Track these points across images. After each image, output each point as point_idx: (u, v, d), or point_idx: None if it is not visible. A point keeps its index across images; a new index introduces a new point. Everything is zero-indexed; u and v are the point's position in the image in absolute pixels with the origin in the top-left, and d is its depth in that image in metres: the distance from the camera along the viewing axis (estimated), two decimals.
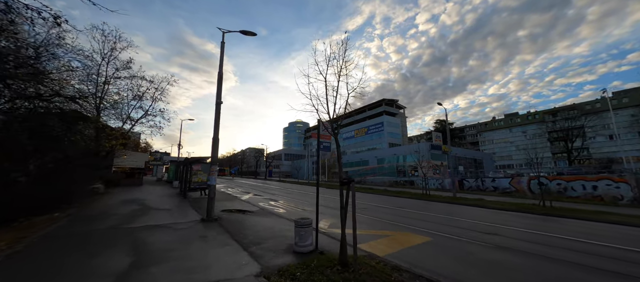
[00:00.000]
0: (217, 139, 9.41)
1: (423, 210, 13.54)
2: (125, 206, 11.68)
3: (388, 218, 10.89)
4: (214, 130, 9.45)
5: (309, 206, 13.93)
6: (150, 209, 10.99)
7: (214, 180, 9.08)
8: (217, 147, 9.36)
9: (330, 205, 14.68)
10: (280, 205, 14.27)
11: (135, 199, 13.83)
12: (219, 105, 9.66)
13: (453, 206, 16.17)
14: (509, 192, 24.15)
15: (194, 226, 7.93)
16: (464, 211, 13.59)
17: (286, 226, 8.56)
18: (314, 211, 12.29)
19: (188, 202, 13.41)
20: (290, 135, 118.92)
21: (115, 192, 17.02)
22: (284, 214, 11.09)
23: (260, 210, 11.98)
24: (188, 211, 10.72)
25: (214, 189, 9.08)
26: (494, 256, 6.22)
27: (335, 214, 10.99)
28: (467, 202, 17.62)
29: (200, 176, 15.95)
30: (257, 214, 10.85)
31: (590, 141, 61.35)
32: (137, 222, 8.15)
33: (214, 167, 9.19)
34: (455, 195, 20.59)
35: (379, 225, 9.52)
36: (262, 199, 17.22)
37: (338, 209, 12.83)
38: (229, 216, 9.86)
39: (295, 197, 18.65)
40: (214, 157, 9.27)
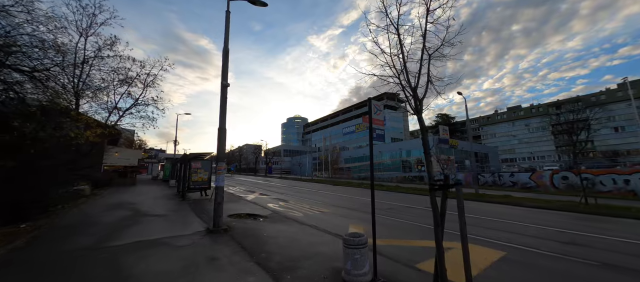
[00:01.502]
0: (224, 129, 7.57)
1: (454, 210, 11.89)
2: (113, 211, 9.81)
3: (425, 221, 9.21)
4: (219, 119, 7.61)
5: (324, 207, 12.22)
6: (142, 215, 9.15)
7: (221, 180, 7.27)
8: (224, 139, 7.53)
9: (347, 204, 12.95)
10: (292, 206, 12.53)
11: (125, 203, 11.94)
12: (226, 88, 7.81)
13: (482, 205, 14.58)
14: (529, 187, 22.74)
15: (198, 241, 6.13)
16: (500, 211, 11.99)
17: (315, 237, 6.81)
18: (335, 213, 10.47)
19: (188, 205, 11.58)
20: (288, 130, 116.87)
21: (104, 194, 15.09)
22: (304, 219, 9.34)
23: (273, 214, 10.22)
24: (189, 218, 8.90)
25: (222, 193, 7.27)
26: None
27: (363, 218, 9.29)
28: (494, 199, 16.11)
29: (201, 175, 14.10)
30: (271, 219, 9.08)
31: (594, 133, 60.51)
32: (124, 237, 6.32)
33: (221, 163, 7.37)
34: (477, 191, 19.08)
35: (421, 232, 7.83)
36: (270, 199, 15.45)
37: (359, 210, 11.02)
38: (239, 224, 8.07)
39: (306, 196, 16.93)
40: (221, 152, 7.45)
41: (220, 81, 7.84)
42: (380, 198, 16.44)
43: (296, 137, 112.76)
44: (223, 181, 7.33)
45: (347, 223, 8.97)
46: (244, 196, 16.48)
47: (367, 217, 9.94)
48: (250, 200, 14.57)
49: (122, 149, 22.30)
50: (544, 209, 12.60)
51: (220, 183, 7.26)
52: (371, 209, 4.79)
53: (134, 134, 19.74)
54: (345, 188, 25.02)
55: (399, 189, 22.59)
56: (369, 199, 15.41)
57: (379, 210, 11.71)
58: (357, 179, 38.30)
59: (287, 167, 78.23)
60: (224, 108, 7.68)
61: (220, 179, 7.28)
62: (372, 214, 4.71)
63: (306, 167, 58.51)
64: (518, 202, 14.96)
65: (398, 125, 69.24)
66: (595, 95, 62.02)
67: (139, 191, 17.50)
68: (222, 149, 7.47)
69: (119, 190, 17.76)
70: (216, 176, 7.34)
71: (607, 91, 61.04)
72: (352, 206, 13.26)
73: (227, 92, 7.82)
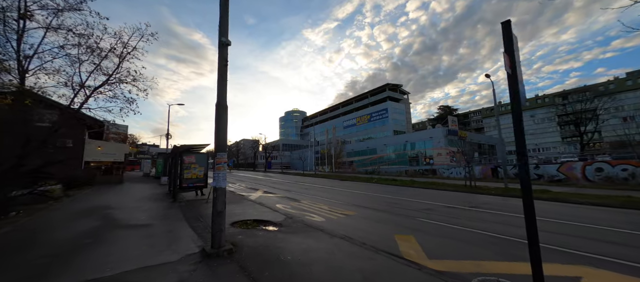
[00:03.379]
0: (224, 105, 5.26)
1: (506, 210, 9.77)
2: (78, 221, 7.49)
3: (485, 227, 7.05)
4: (218, 91, 5.29)
5: (345, 207, 10.01)
6: (115, 227, 6.85)
7: (223, 179, 4.99)
8: (224, 120, 5.22)
9: (369, 203, 10.64)
10: (306, 207, 10.31)
11: (101, 207, 9.61)
12: (226, 48, 5.47)
13: (538, 203, 12.33)
14: (557, 180, 20.79)
15: (189, 278, 3.87)
16: (554, 210, 9.88)
17: (363, 260, 4.60)
18: (363, 215, 8.33)
19: (179, 210, 9.30)
20: (287, 125, 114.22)
21: (80, 195, 12.72)
22: (329, 227, 7.13)
23: (288, 219, 8.00)
24: (178, 230, 6.62)
25: (224, 197, 5.00)
26: None
27: (401, 222, 7.05)
28: (538, 196, 14.00)
29: (195, 170, 11.78)
30: (288, 228, 6.85)
31: (602, 124, 59.06)
32: (69, 271, 4.04)
33: (222, 155, 5.08)
34: (507, 186, 17.04)
35: (498, 246, 5.66)
36: (277, 198, 13.22)
37: (388, 211, 8.84)
38: (248, 238, 5.82)
39: (318, 194, 14.72)
40: (221, 138, 5.14)
41: (218, 38, 5.48)
42: (404, 195, 14.30)
43: (295, 131, 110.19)
44: (225, 180, 5.04)
45: (387, 231, 6.80)
46: (247, 195, 14.22)
47: (407, 222, 7.77)
48: (254, 200, 12.33)
49: (106, 142, 19.85)
50: (601, 207, 10.52)
51: (221, 183, 4.97)
52: (407, 211, 2.51)
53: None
54: (355, 183, 22.89)
55: (416, 183, 20.50)
56: (390, 195, 12.65)
57: (417, 211, 9.55)
58: (364, 173, 36.21)
59: (286, 162, 76.02)
60: (224, 76, 5.35)
61: (221, 177, 4.99)
62: (531, 247, 2.47)
63: (309, 162, 56.33)
64: (562, 197, 12.94)
65: (400, 117, 67.04)
66: (603, 85, 60.35)
67: (124, 191, 15.14)
68: (222, 134, 5.16)
69: (101, 190, 15.37)
70: (215, 173, 5.04)
71: (616, 80, 59.39)
72: (377, 205, 11.09)
73: (227, 54, 5.48)
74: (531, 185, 2.71)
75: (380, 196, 14.02)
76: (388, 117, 63.72)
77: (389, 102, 65.68)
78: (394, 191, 16.69)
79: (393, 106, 65.41)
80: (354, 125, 73.71)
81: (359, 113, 73.39)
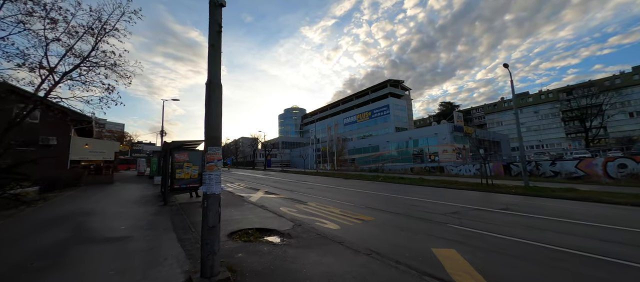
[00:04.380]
0: (217, 84, 3.95)
1: (543, 213, 8.53)
2: (42, 232, 6.19)
3: (537, 236, 5.81)
4: (208, 67, 3.99)
5: (358, 210, 8.75)
6: (85, 241, 5.56)
7: (216, 182, 3.70)
8: (217, 103, 3.91)
9: (384, 206, 9.24)
10: (315, 210, 9.05)
11: (77, 213, 8.30)
12: (219, 8, 4.15)
13: (555, 202, 11.23)
14: (576, 177, 19.64)
15: None
16: (606, 214, 8.64)
17: None
18: (382, 221, 7.03)
19: (168, 215, 8.00)
20: (286, 122, 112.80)
21: (60, 198, 11.39)
22: (348, 238, 5.87)
23: (296, 226, 6.73)
24: (162, 245, 5.33)
25: (218, 206, 3.70)
26: None
27: (427, 229, 5.72)
28: (557, 194, 12.94)
29: (189, 170, 10.48)
30: (299, 240, 5.59)
31: (608, 119, 58.07)
32: None
33: (214, 151, 3.78)
34: (528, 184, 15.83)
35: (570, 264, 4.42)
36: (280, 200, 11.95)
37: (409, 216, 7.50)
38: (251, 259, 4.54)
39: (324, 195, 13.45)
40: (213, 128, 3.83)
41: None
42: (418, 195, 13.06)
43: (294, 129, 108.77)
44: (218, 183, 3.74)
45: (420, 243, 5.54)
46: (246, 196, 12.95)
47: (437, 230, 6.52)
48: (255, 202, 11.05)
49: (95, 140, 18.46)
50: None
51: (213, 187, 3.67)
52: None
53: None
54: (360, 182, 21.65)
55: (426, 182, 19.27)
56: (403, 196, 11.05)
57: (442, 215, 8.30)
58: (368, 171, 34.98)
59: (286, 160, 74.75)
60: (217, 46, 4.04)
61: (214, 179, 3.69)
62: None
63: (309, 160, 55.05)
64: (593, 197, 11.71)
65: (402, 114, 65.74)
66: (608, 79, 59.25)
67: (111, 192, 13.82)
68: (215, 121, 3.86)
69: (87, 191, 14.04)
70: (205, 174, 3.75)
71: (622, 75, 58.31)
72: (393, 207, 9.84)
73: (221, 18, 4.16)
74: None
75: (392, 197, 12.77)
76: (390, 114, 62.42)
77: (390, 98, 64.35)
78: (405, 190, 15.46)
79: (395, 102, 64.11)
80: (355, 123, 72.39)
81: (359, 110, 72.05)
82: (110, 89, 8.39)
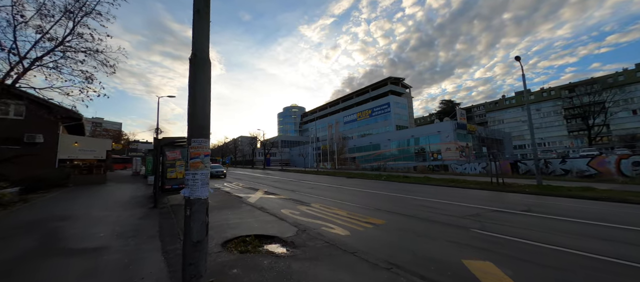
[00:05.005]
0: (203, 58, 3.11)
1: (569, 215, 7.74)
2: (8, 240, 5.37)
3: (576, 244, 5.03)
4: (193, 37, 3.14)
5: (367, 212, 7.95)
6: (53, 253, 4.74)
7: (202, 184, 2.86)
8: (204, 83, 3.07)
9: (393, 207, 8.30)
10: (319, 213, 8.23)
11: (55, 217, 7.45)
12: None
13: (574, 203, 10.45)
14: (588, 176, 18.90)
15: None
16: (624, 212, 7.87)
17: None
18: (395, 224, 6.12)
19: (156, 220, 7.18)
20: (285, 121, 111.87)
21: (42, 200, 10.53)
22: (361, 247, 5.08)
23: (300, 232, 5.92)
24: (143, 259, 4.51)
25: (204, 215, 2.88)
26: None
27: (446, 234, 4.88)
28: (574, 193, 12.24)
29: (181, 169, 9.65)
30: (305, 251, 4.78)
31: (611, 117, 57.48)
32: None
33: (199, 143, 2.94)
34: (541, 183, 15.08)
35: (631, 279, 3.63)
36: (281, 201, 11.13)
37: (422, 218, 6.84)
38: (250, 277, 3.72)
39: (327, 195, 12.64)
40: (198, 115, 3.00)
41: None
42: (427, 195, 12.26)
43: (293, 128, 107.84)
44: (205, 186, 2.91)
45: (446, 253, 4.75)
46: (245, 197, 12.13)
47: (460, 235, 5.72)
48: (254, 203, 10.24)
49: (84, 138, 17.53)
50: None
51: (198, 191, 2.85)
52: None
53: (121, 127, 13.86)
54: (363, 181, 20.86)
55: (432, 181, 18.50)
56: (412, 196, 9.95)
57: (461, 217, 7.50)
58: (370, 170, 34.21)
59: (286, 159, 73.93)
60: (205, 10, 3.20)
61: (199, 179, 2.87)
62: None
63: (309, 158, 54.22)
64: (614, 197, 10.99)
65: (403, 112, 64.94)
66: (612, 77, 58.61)
67: (100, 193, 12.97)
68: (201, 106, 3.03)
69: (74, 192, 13.18)
70: (187, 173, 2.92)
71: (625, 72, 57.70)
72: (405, 208, 9.03)
73: None
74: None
75: (400, 197, 11.98)
76: (390, 112, 61.59)
77: (391, 96, 63.52)
78: (412, 189, 14.67)
79: (395, 100, 63.28)
80: (355, 121, 71.54)
81: (359, 108, 71.19)
82: (90, 78, 7.53)
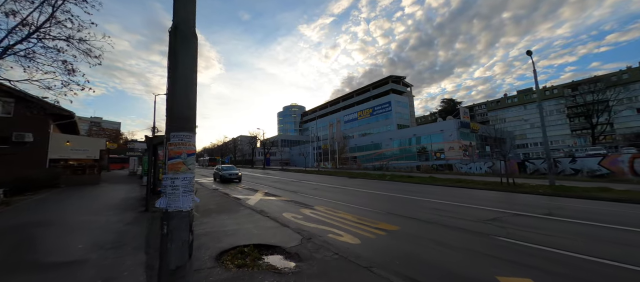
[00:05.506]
0: (186, 32, 2.43)
1: (602, 219, 7.09)
2: None
3: (621, 255, 4.38)
4: (174, 7, 2.46)
5: (378, 217, 7.30)
6: (20, 267, 4.10)
7: (185, 192, 2.18)
8: (188, 62, 2.40)
9: (406, 211, 7.58)
10: (324, 216, 7.57)
11: (34, 222, 6.79)
12: None
13: (613, 206, 9.76)
14: (599, 175, 18.27)
15: None
16: None
17: None
18: (412, 231, 5.47)
19: (145, 226, 6.51)
20: (285, 120, 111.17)
21: (26, 203, 9.87)
22: (377, 259, 4.43)
23: (306, 242, 5.27)
24: (123, 274, 3.85)
25: (186, 233, 2.20)
26: None
27: (474, 246, 4.23)
28: (592, 194, 11.61)
29: None
30: (312, 265, 4.12)
31: (615, 115, 56.81)
32: None
33: (181, 138, 2.27)
34: (554, 183, 14.44)
35: None
36: (283, 203, 10.47)
37: (442, 224, 6.23)
38: None
39: (331, 197, 11.97)
40: (180, 102, 2.34)
41: None
42: (435, 196, 11.61)
43: (293, 127, 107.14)
44: (190, 195, 2.24)
45: (476, 267, 4.10)
46: (243, 198, 11.48)
47: (485, 244, 5.05)
48: (253, 206, 9.58)
49: (77, 137, 16.87)
50: None
51: (178, 200, 2.18)
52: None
53: (120, 127, 13.23)
54: (367, 181, 20.20)
55: (439, 181, 17.86)
56: (420, 197, 9.27)
57: (480, 222, 6.84)
58: (372, 170, 33.55)
59: (286, 158, 73.27)
60: None
61: (180, 186, 2.19)
62: None
63: (310, 158, 53.56)
64: (636, 198, 10.38)
65: (404, 110, 64.24)
66: (616, 75, 57.96)
67: (92, 195, 12.31)
68: (184, 91, 2.37)
69: (64, 194, 12.52)
70: (165, 176, 2.24)
71: (629, 70, 57.04)
72: (416, 212, 8.37)
73: None
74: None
75: (409, 199, 11.32)
76: (391, 111, 60.88)
77: (392, 94, 62.79)
78: (419, 190, 14.01)
79: (396, 99, 62.57)
80: (356, 120, 70.82)
81: (360, 107, 70.46)
82: (71, 70, 6.84)
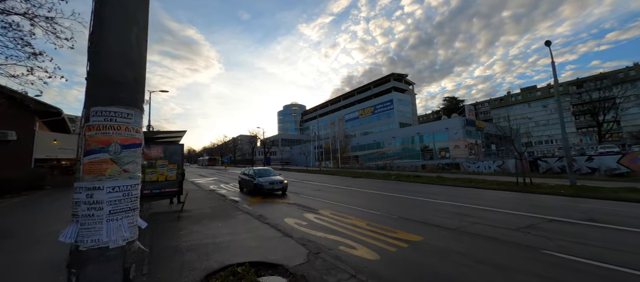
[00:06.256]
0: None
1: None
2: None
3: None
4: None
5: (390, 223, 6.34)
6: None
7: (112, 216, 1.16)
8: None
9: (423, 216, 6.55)
10: (333, 225, 6.60)
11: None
12: None
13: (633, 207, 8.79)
14: (618, 174, 17.28)
15: None
16: None
17: None
18: (439, 246, 4.61)
19: None
20: (285, 119, 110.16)
21: (1, 206, 8.91)
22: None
23: (313, 258, 4.29)
24: None
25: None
26: None
27: (516, 264, 3.40)
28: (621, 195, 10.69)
29: (163, 170, 8.00)
30: None
31: (622, 113, 55.62)
32: None
33: (115, 121, 1.26)
34: (574, 183, 13.46)
35: None
36: (284, 206, 9.49)
37: (473, 234, 5.16)
38: None
39: (336, 199, 10.99)
40: (110, 59, 1.35)
41: None
42: (456, 198, 10.61)
43: (294, 126, 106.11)
44: (128, 218, 1.25)
45: None
46: (241, 201, 10.50)
47: (536, 262, 4.05)
48: (251, 210, 8.60)
49: (64, 135, 15.93)
50: None
51: (102, 231, 1.19)
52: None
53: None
54: (371, 181, 19.21)
55: (447, 181, 16.91)
56: (436, 200, 8.18)
57: (515, 230, 5.86)
58: (376, 169, 32.56)
59: (286, 157, 72.33)
60: None
61: (106, 201, 1.20)
62: None
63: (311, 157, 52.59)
64: None
65: (406, 109, 63.20)
66: (622, 71, 56.83)
67: None
68: (121, 38, 1.38)
69: (47, 196, 11.56)
70: (78, 183, 1.24)
71: (636, 66, 55.90)
72: (436, 217, 7.37)
73: None
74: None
75: (422, 200, 10.33)
76: (393, 109, 59.84)
77: (394, 92, 61.76)
78: (430, 191, 13.02)
79: (398, 97, 61.54)
80: (357, 119, 69.80)
81: (361, 105, 69.44)
82: (36, 54, 5.87)
